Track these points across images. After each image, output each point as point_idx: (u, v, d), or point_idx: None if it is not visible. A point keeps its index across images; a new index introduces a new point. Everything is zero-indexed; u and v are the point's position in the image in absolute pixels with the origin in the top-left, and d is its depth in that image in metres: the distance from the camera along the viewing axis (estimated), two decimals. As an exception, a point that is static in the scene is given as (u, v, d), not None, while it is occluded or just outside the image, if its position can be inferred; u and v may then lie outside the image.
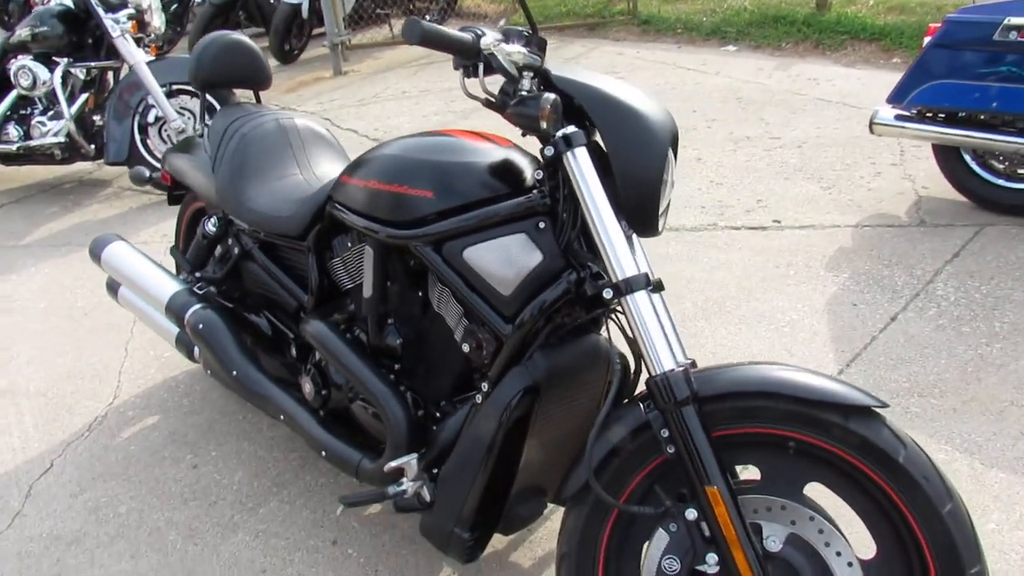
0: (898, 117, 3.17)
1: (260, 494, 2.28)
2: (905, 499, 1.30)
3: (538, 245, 1.49)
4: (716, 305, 2.83)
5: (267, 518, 2.19)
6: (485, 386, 1.58)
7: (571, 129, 1.41)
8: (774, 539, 1.35)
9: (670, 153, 1.46)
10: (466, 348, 1.63)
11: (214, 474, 2.38)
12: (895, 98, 3.12)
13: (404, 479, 1.63)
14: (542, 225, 1.50)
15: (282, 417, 2.02)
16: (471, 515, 1.58)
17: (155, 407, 2.73)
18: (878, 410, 1.34)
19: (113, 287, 2.58)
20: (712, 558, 1.32)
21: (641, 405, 1.40)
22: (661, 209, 1.50)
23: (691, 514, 1.34)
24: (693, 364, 1.55)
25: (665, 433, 1.34)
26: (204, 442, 2.52)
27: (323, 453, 1.88)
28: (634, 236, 1.61)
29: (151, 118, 4.45)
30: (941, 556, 1.29)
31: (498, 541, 2.00)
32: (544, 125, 1.37)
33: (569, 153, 1.40)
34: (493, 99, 1.49)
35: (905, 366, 2.39)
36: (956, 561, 1.28)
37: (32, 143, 4.54)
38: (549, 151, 1.42)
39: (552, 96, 1.37)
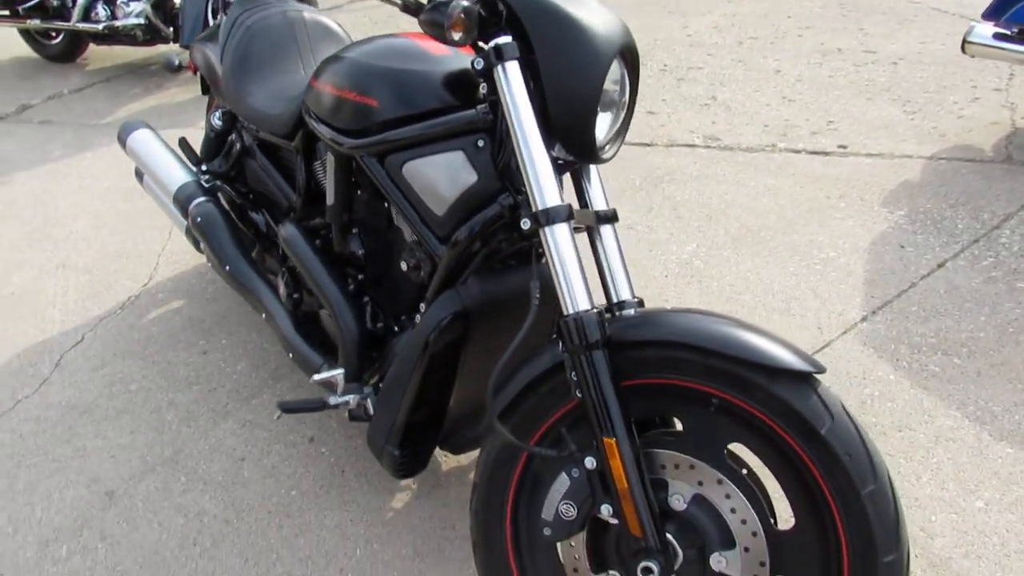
0: (996, 36, 2.78)
1: (256, 385, 2.35)
2: (824, 474, 1.19)
3: (474, 165, 1.40)
4: (750, 234, 2.64)
5: (257, 409, 2.26)
6: (423, 307, 1.53)
7: (503, 40, 1.28)
8: (679, 497, 1.27)
9: (617, 69, 1.31)
10: (404, 267, 1.58)
11: (219, 362, 2.47)
12: (993, 13, 2.72)
13: (349, 390, 1.64)
14: (481, 144, 1.40)
15: (264, 315, 2.05)
16: (400, 433, 1.57)
17: (182, 292, 2.84)
18: (815, 376, 1.21)
19: (139, 174, 2.65)
20: (607, 509, 1.26)
21: (560, 345, 1.32)
22: (605, 134, 1.37)
23: (590, 463, 1.27)
24: (640, 303, 1.45)
25: (575, 377, 1.27)
26: (218, 330, 2.61)
27: (290, 355, 1.91)
28: (592, 167, 1.50)
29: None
30: (855, 539, 1.18)
31: (466, 457, 2.00)
32: (455, 37, 1.25)
33: (500, 67, 1.28)
34: (409, 2, 1.36)
35: (938, 319, 2.17)
36: (870, 546, 1.16)
37: (116, 23, 4.68)
38: (479, 64, 1.30)
39: (464, 3, 1.24)
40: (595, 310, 1.25)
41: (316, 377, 1.61)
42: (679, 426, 1.34)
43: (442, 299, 1.47)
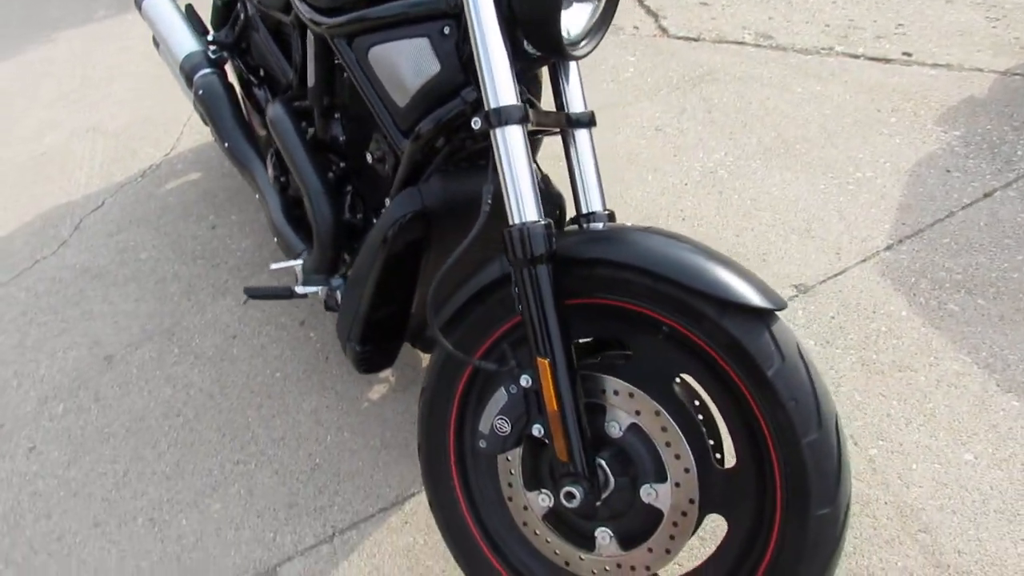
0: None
1: (257, 264, 2.36)
2: (767, 417, 1.11)
3: (438, 53, 1.29)
4: (784, 146, 2.45)
5: (255, 288, 2.27)
6: (387, 202, 1.47)
7: (467, -85, 1.15)
8: (616, 424, 1.21)
9: None
10: (369, 158, 1.50)
11: (226, 238, 2.48)
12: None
13: (310, 281, 1.61)
14: (447, 31, 1.28)
15: (257, 196, 2.02)
16: (361, 328, 1.54)
17: (201, 164, 2.84)
18: (774, 313, 1.12)
19: (156, 41, 2.60)
20: (538, 429, 1.22)
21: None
22: (582, 28, 1.24)
23: (526, 381, 1.22)
24: (611, 217, 1.36)
25: (517, 291, 1.20)
26: (229, 205, 2.61)
27: (276, 239, 1.88)
28: (572, 64, 1.37)
29: None
30: (791, 488, 1.11)
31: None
32: None
33: (462, -56, 1.16)
34: None
35: (970, 254, 2.00)
36: (805, 497, 1.10)
37: None
38: (438, -58, 1.18)
39: None
40: (543, 222, 1.17)
41: (273, 266, 1.59)
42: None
43: (403, 196, 1.40)
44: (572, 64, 1.37)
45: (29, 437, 1.96)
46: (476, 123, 1.19)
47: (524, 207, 1.17)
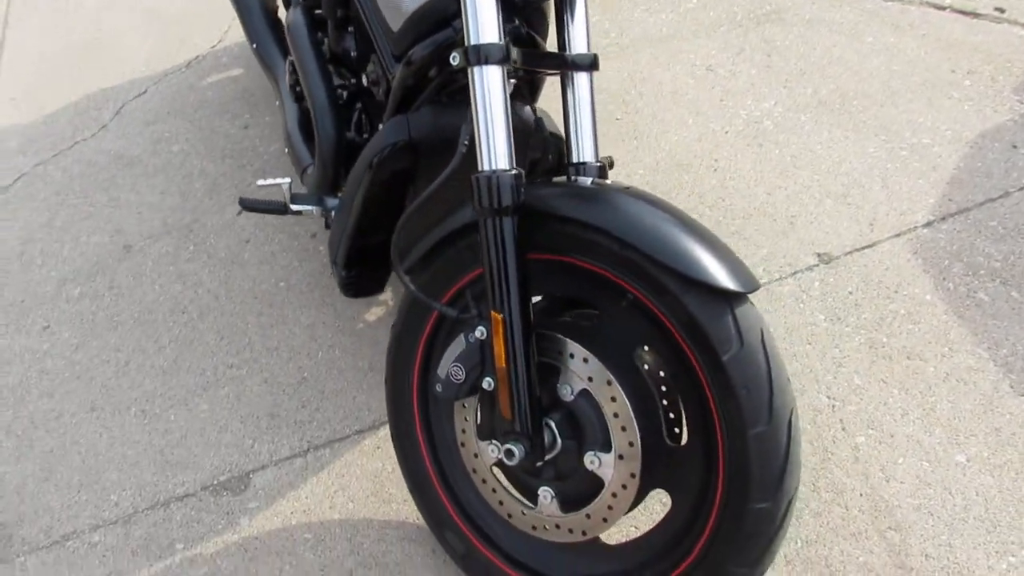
0: None
1: (281, 171, 2.35)
2: (717, 402, 1.06)
3: None
4: (840, 101, 2.29)
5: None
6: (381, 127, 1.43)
7: None
8: (568, 388, 1.18)
9: None
10: (365, 81, 1.45)
11: (256, 139, 2.48)
12: None
13: (298, 200, 1.59)
14: None
15: (277, 102, 2.00)
16: (346, 253, 1.53)
17: (243, 61, 2.82)
18: (742, 295, 1.05)
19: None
20: (489, 382, 1.19)
21: None
22: None
23: (481, 332, 1.19)
24: (603, 169, 1.29)
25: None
26: (264, 106, 2.60)
27: (287, 149, 1.87)
28: (580, 2, 1.27)
29: None
30: (731, 476, 1.07)
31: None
32: None
33: None
34: None
35: (1016, 241, 1.85)
36: (743, 490, 1.06)
37: None
38: None
39: None
40: (513, 171, 1.11)
41: (260, 182, 1.57)
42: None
43: (391, 124, 1.36)
44: (579, 2, 1.27)
45: (45, 316, 2.05)
46: (455, 59, 1.12)
47: (495, 154, 1.12)
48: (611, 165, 1.51)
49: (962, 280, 1.79)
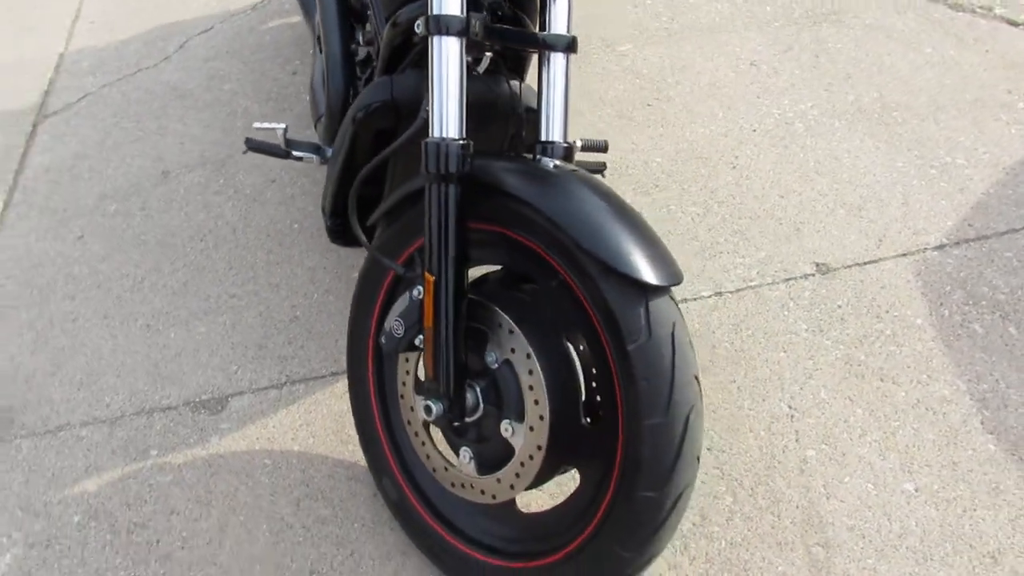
0: None
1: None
2: (622, 389, 1.09)
3: None
4: (880, 111, 2.22)
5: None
6: None
7: None
8: (493, 355, 1.22)
9: None
10: (360, 38, 1.50)
11: (300, 86, 2.58)
12: None
13: (295, 147, 1.67)
14: None
15: (312, 51, 2.08)
16: (331, 202, 1.60)
17: (305, 7, 2.91)
18: (661, 288, 1.07)
19: None
20: (419, 340, 1.25)
21: None
22: None
23: (417, 291, 1.24)
24: (569, 150, 1.31)
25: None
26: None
27: (307, 96, 1.94)
28: None
29: None
30: (624, 464, 1.10)
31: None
32: None
33: None
34: None
35: (1028, 277, 1.78)
36: (634, 478, 1.08)
37: None
38: None
39: None
40: (461, 141, 1.15)
41: (256, 124, 1.65)
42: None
43: (376, 84, 1.41)
44: (568, -16, 1.29)
45: (81, 227, 2.20)
46: (418, 26, 1.16)
47: (447, 122, 1.16)
48: (605, 148, 1.53)
49: (959, 308, 1.74)
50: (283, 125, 1.63)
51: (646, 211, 1.98)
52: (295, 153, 1.69)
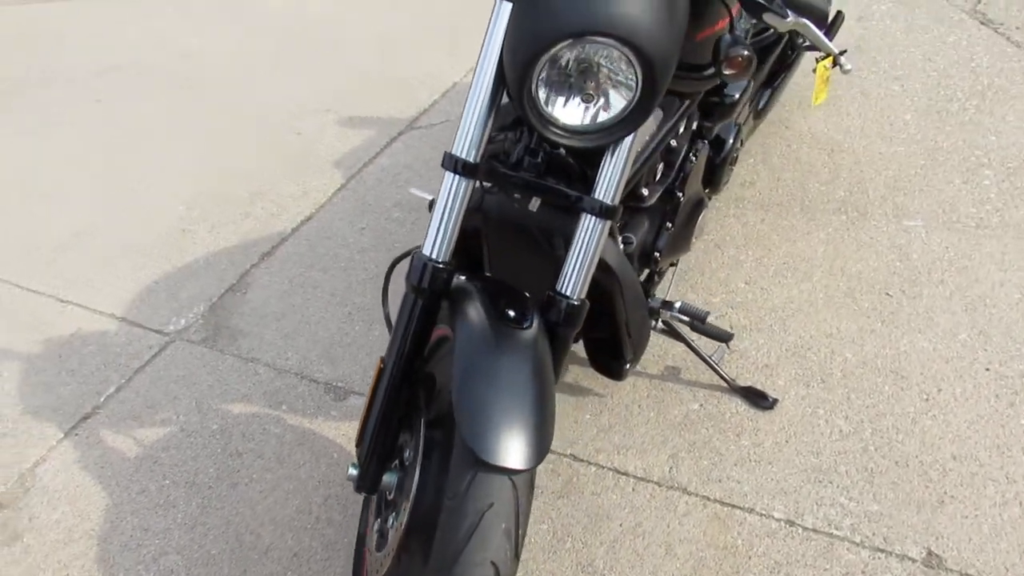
0: None
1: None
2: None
3: None
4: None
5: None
6: None
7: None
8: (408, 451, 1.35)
9: (570, 53, 1.15)
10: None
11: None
12: None
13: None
14: None
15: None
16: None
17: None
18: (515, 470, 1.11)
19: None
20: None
21: None
22: (579, 119, 1.22)
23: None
24: (574, 307, 1.32)
25: None
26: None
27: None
28: (622, 151, 1.30)
29: None
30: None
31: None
32: None
33: (497, 2, 1.24)
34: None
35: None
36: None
37: None
38: (498, -9, 1.26)
39: None
40: (434, 262, 1.28)
41: (412, 191, 1.90)
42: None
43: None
44: (622, 151, 1.30)
45: (366, 222, 2.74)
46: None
47: (438, 245, 1.30)
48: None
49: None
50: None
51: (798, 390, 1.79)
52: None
